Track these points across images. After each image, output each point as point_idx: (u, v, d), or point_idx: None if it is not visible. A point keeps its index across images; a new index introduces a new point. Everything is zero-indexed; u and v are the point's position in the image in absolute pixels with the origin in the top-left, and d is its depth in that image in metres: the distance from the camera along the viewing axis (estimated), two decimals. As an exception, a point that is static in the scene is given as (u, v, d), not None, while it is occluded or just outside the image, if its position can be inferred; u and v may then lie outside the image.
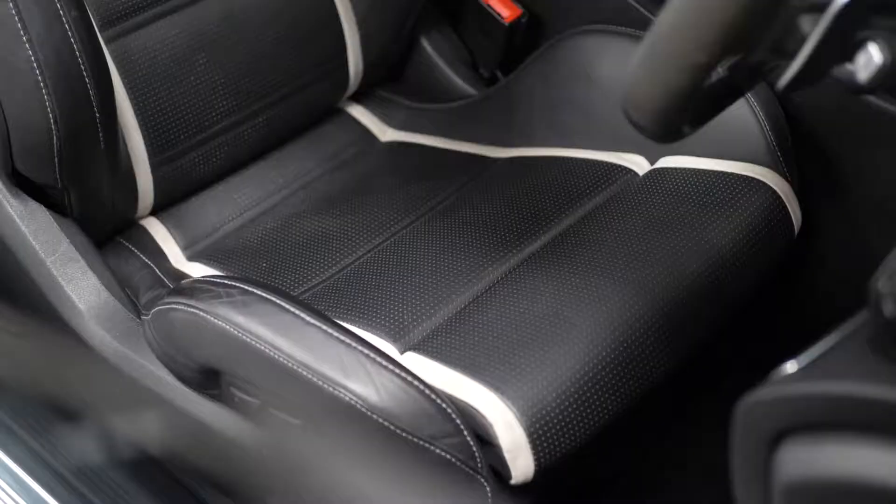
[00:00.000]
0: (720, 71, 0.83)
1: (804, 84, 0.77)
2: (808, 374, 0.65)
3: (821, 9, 0.74)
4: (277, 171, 1.56)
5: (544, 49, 1.51)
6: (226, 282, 1.15)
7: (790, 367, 0.67)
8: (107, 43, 1.34)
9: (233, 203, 1.51)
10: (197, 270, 1.40)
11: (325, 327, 1.08)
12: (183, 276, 1.38)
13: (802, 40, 0.76)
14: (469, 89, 1.70)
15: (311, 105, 1.58)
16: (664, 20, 0.76)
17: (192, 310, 1.13)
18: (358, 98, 1.68)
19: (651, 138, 0.85)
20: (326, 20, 1.56)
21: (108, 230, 1.42)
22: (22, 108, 1.18)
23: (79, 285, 1.29)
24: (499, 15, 1.61)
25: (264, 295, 1.12)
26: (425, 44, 1.73)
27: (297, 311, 1.10)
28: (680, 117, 0.83)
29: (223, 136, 1.47)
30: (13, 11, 1.13)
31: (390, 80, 1.74)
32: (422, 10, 1.64)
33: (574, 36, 1.48)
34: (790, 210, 1.31)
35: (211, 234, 1.47)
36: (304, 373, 1.06)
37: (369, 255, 1.36)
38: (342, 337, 1.07)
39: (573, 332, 1.12)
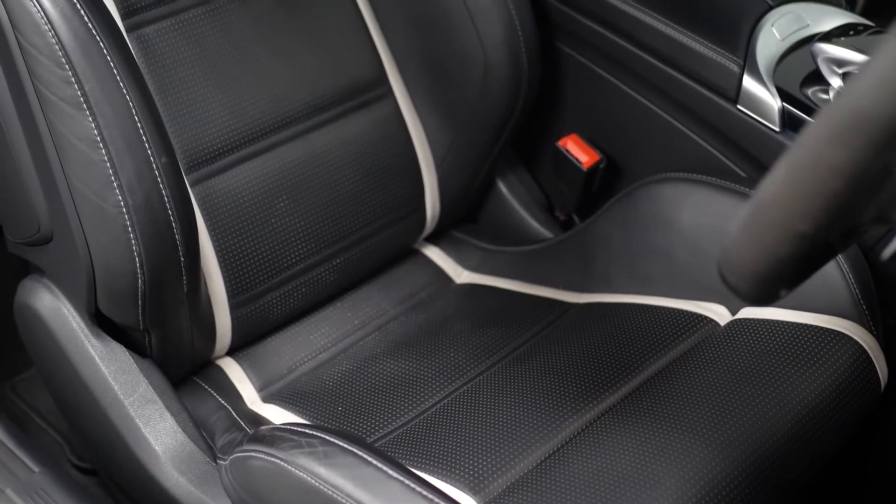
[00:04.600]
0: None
1: (910, 254, 0.76)
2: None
3: (928, 180, 0.73)
4: (353, 312, 1.56)
5: (623, 195, 1.51)
6: (306, 431, 1.14)
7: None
8: (191, 186, 1.36)
9: (308, 344, 1.51)
10: (272, 412, 1.39)
11: (406, 481, 1.07)
12: (258, 417, 1.38)
13: (909, 211, 0.75)
14: (545, 232, 1.70)
15: (387, 247, 1.59)
16: (767, 189, 0.75)
17: (271, 459, 1.12)
18: (433, 239, 1.69)
19: (747, 302, 0.84)
20: (406, 163, 1.57)
21: (185, 370, 1.42)
22: (109, 251, 1.19)
23: (156, 427, 1.29)
24: (577, 160, 1.61)
25: (346, 446, 1.10)
26: (501, 186, 1.74)
27: (378, 464, 1.08)
28: (778, 283, 0.82)
29: (300, 278, 1.48)
30: (105, 158, 1.14)
31: (466, 221, 1.75)
32: (498, 152, 1.65)
33: (653, 183, 1.47)
34: (876, 365, 1.28)
35: (286, 376, 1.47)
36: (386, 527, 1.04)
37: (446, 400, 1.35)
38: (424, 491, 1.06)
39: (658, 491, 1.10)
